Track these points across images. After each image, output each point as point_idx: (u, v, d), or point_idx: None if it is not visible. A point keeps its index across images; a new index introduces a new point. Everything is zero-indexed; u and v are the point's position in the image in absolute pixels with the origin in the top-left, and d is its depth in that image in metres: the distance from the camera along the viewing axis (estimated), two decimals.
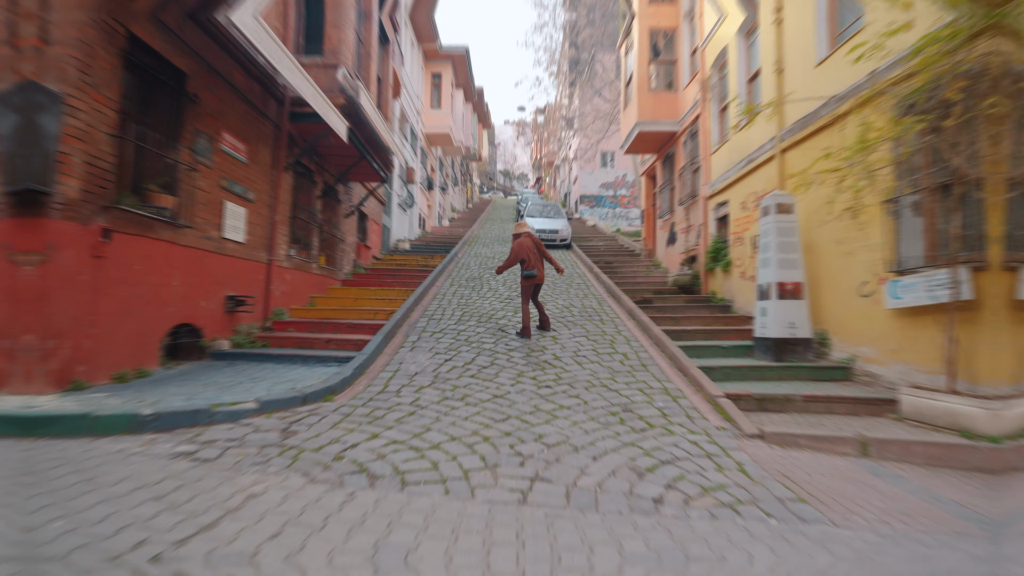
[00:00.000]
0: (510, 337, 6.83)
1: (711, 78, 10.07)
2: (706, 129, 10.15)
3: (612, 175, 28.92)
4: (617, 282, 10.73)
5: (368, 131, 8.69)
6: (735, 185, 8.85)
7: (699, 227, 10.53)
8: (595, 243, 17.58)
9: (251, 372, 5.49)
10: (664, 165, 12.93)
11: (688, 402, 4.78)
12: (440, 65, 19.60)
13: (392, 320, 7.18)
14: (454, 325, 7.39)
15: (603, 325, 7.55)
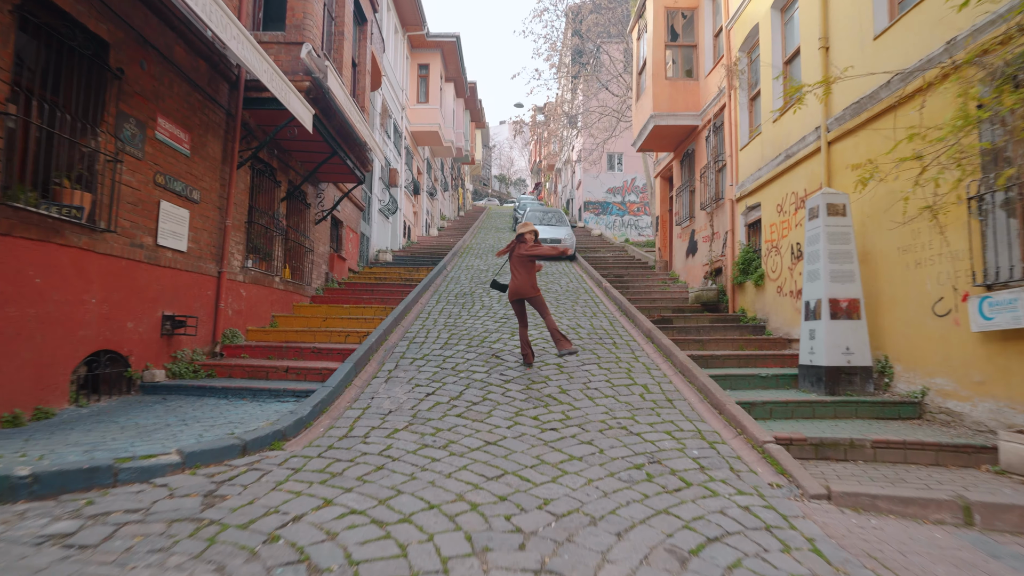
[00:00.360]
0: (506, 365, 6.24)
1: (738, 62, 9.66)
2: (733, 121, 9.71)
3: (620, 179, 28.60)
4: (630, 298, 10.18)
5: (339, 122, 8.19)
6: (769, 185, 8.36)
7: (725, 235, 10.03)
8: (602, 254, 17.09)
9: (186, 410, 4.88)
10: (682, 164, 12.49)
11: (729, 449, 4.19)
12: (428, 55, 19.28)
13: (366, 344, 6.59)
14: (439, 350, 6.80)
15: (617, 350, 6.97)
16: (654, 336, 7.40)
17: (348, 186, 11.11)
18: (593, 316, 8.85)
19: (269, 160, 8.10)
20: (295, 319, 8.32)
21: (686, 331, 8.33)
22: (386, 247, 15.49)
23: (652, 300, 10.55)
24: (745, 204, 9.26)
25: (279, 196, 8.52)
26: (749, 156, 9.19)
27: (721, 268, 10.16)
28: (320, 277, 10.45)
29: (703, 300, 9.80)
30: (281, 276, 8.62)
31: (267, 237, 8.21)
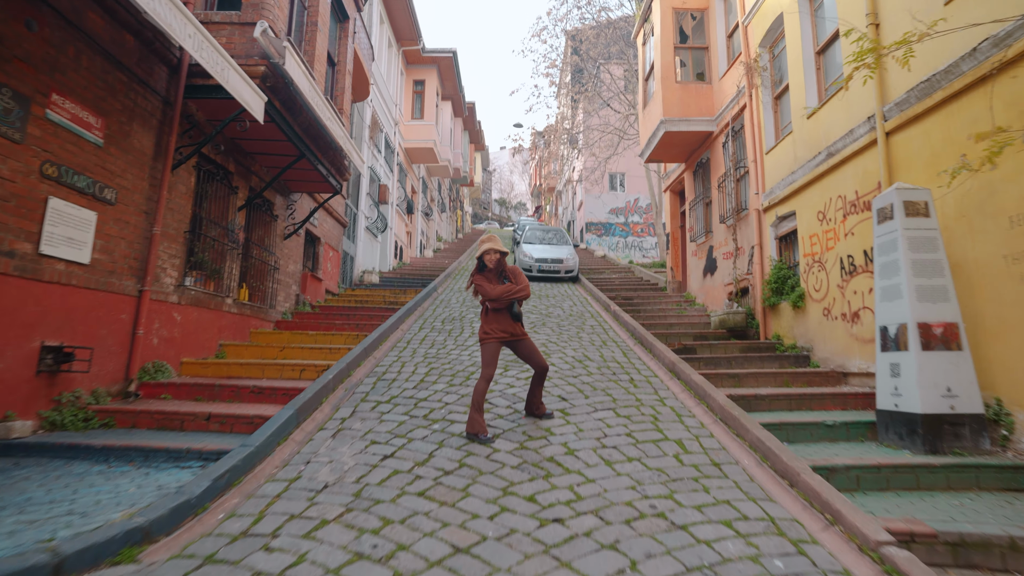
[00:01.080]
0: (495, 411, 4.77)
1: (759, 59, 8.40)
2: (756, 123, 8.40)
3: (623, 199, 27.39)
4: (644, 323, 8.73)
5: (307, 119, 6.88)
6: (806, 190, 6.99)
7: (751, 250, 8.63)
8: (607, 275, 15.69)
9: (26, 486, 3.38)
10: (695, 175, 11.18)
11: (826, 556, 2.69)
12: (423, 71, 18.23)
13: (320, 381, 5.13)
14: (412, 390, 5.33)
15: (636, 389, 5.49)
16: (679, 370, 5.93)
17: (324, 196, 9.77)
18: (603, 345, 7.38)
19: (224, 162, 6.76)
20: (248, 348, 6.87)
21: (715, 363, 6.86)
22: (373, 268, 14.11)
23: (669, 326, 9.10)
24: (775, 214, 7.88)
25: (235, 204, 7.16)
26: (777, 160, 7.85)
27: (748, 288, 8.73)
28: (289, 299, 9.03)
29: (729, 325, 8.34)
30: (235, 297, 7.20)
31: (217, 251, 6.82)
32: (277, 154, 7.36)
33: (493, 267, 4.49)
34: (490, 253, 4.49)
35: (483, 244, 4.51)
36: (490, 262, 4.48)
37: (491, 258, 4.48)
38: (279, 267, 8.52)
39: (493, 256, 4.48)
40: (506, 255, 4.55)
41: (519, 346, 4.47)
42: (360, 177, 13.42)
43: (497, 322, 4.37)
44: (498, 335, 4.34)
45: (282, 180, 8.38)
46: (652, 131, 10.56)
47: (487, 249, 4.48)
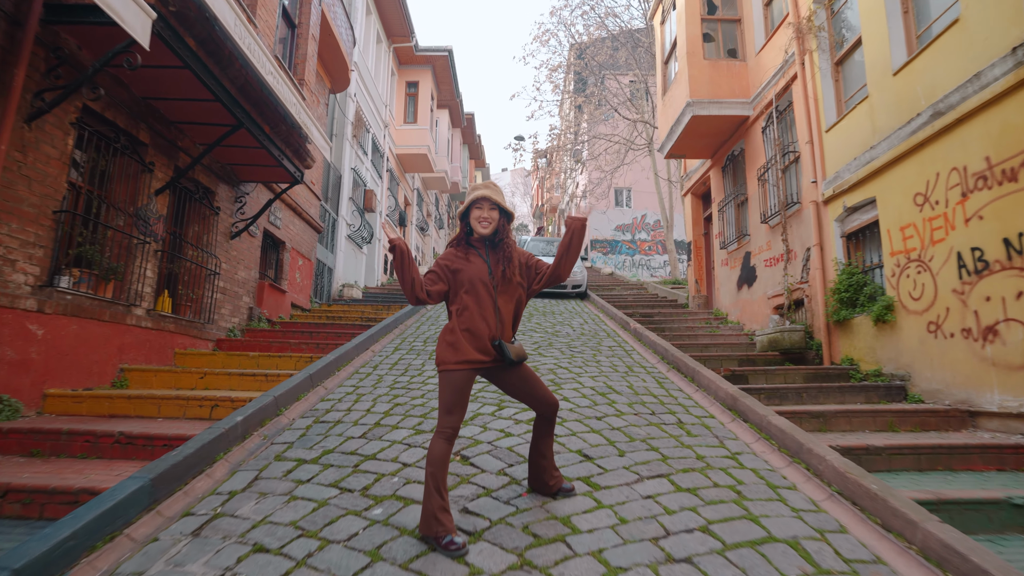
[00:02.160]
0: (480, 482, 2.99)
1: (812, 17, 6.81)
2: (813, 95, 6.77)
3: (629, 215, 25.83)
4: (675, 344, 6.97)
5: (244, 76, 5.23)
6: (896, 167, 5.30)
7: (807, 252, 6.91)
8: (619, 292, 13.96)
9: None
10: (725, 172, 9.53)
11: None
12: (417, 72, 16.82)
13: (221, 427, 3.37)
14: (358, 440, 3.56)
15: (692, 438, 3.70)
16: (744, 408, 4.15)
17: (300, 201, 8.11)
18: (629, 372, 5.60)
19: (130, 127, 5.09)
20: (160, 375, 5.10)
21: (779, 396, 5.08)
22: (355, 281, 12.40)
23: (703, 347, 7.33)
24: (841, 205, 6.18)
25: (151, 186, 5.48)
26: (844, 137, 6.19)
27: (802, 300, 6.98)
28: (239, 313, 7.30)
29: (783, 346, 6.57)
30: (151, 307, 5.47)
31: (120, 245, 5.11)
32: (213, 124, 5.70)
33: (487, 235, 2.56)
34: (481, 207, 2.54)
35: (475, 192, 2.58)
36: (482, 224, 2.54)
37: (483, 218, 2.53)
38: (222, 273, 6.80)
39: (487, 215, 2.54)
40: (511, 219, 2.63)
41: (509, 377, 2.58)
42: (341, 179, 11.82)
43: (471, 332, 2.44)
44: (470, 357, 2.42)
45: (225, 164, 6.72)
46: (676, 118, 8.95)
47: (479, 198, 2.54)
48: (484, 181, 2.66)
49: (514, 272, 2.56)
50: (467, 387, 2.42)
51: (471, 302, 2.47)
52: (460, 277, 2.51)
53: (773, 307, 7.72)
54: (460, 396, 2.40)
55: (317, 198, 10.01)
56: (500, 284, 2.53)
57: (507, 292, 2.55)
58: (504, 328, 2.52)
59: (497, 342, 2.45)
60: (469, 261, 2.55)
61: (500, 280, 2.52)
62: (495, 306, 2.50)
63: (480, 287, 2.49)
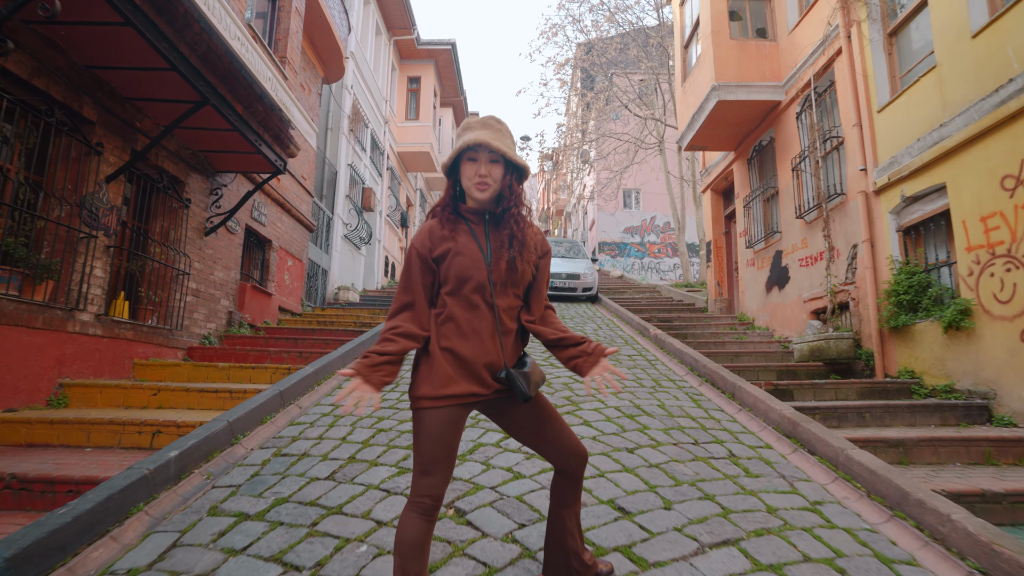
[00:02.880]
0: (480, 548, 2.17)
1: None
2: (863, 72, 5.94)
3: (638, 217, 24.99)
4: (702, 352, 6.14)
5: (206, 42, 4.46)
6: (973, 147, 4.46)
7: (853, 250, 6.07)
8: (631, 295, 13.12)
9: None
10: (751, 164, 8.70)
11: None
12: (419, 67, 16.08)
13: (147, 466, 2.58)
14: (324, 481, 2.74)
15: (752, 479, 2.86)
16: (809, 437, 3.32)
17: (289, 197, 7.34)
18: (656, 387, 4.77)
19: (67, 99, 4.32)
20: (110, 392, 4.30)
21: (837, 416, 4.25)
22: (352, 284, 11.62)
23: (732, 356, 6.49)
24: (899, 193, 5.34)
25: (100, 171, 4.71)
26: (901, 116, 5.36)
27: (847, 303, 6.13)
28: (215, 318, 6.51)
29: (827, 356, 5.72)
30: (101, 312, 4.68)
31: (59, 238, 4.34)
32: (176, 101, 4.92)
33: (487, 201, 1.67)
34: (477, 156, 1.62)
35: (466, 133, 1.66)
36: (478, 186, 1.63)
37: (479, 175, 1.62)
38: (194, 273, 6.02)
39: (485, 170, 1.63)
40: (523, 177, 1.72)
41: (518, 414, 1.73)
42: (337, 175, 11.07)
43: (455, 354, 1.60)
44: (457, 390, 1.59)
45: (197, 152, 5.96)
46: (698, 105, 8.13)
47: (473, 143, 1.60)
48: (482, 116, 1.73)
49: (527, 263, 1.69)
50: (453, 434, 1.59)
51: (458, 308, 1.62)
52: (444, 268, 1.64)
53: (810, 311, 6.87)
54: (443, 447, 1.57)
55: (309, 194, 9.25)
56: (504, 281, 1.65)
57: (514, 293, 1.69)
58: (509, 348, 1.68)
59: (504, 372, 1.63)
60: (457, 243, 1.65)
61: (504, 275, 1.64)
62: (495, 315, 1.64)
63: (472, 285, 1.62)
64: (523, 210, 1.73)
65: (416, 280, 1.64)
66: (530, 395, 1.64)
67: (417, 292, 1.64)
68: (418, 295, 1.64)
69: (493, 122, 1.70)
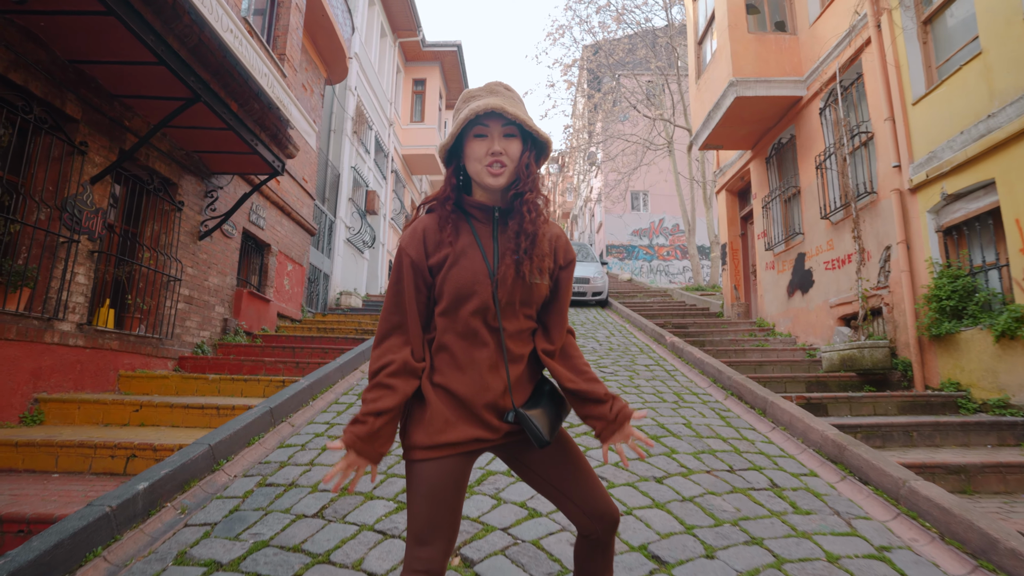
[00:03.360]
0: None
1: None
2: (895, 62, 5.55)
3: (646, 219, 24.60)
4: (723, 362, 5.76)
5: (197, 35, 4.16)
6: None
7: (886, 252, 5.67)
8: (642, 299, 12.73)
9: None
10: (769, 163, 8.31)
11: None
12: (424, 69, 15.82)
13: (109, 502, 2.25)
14: (310, 521, 2.38)
15: (803, 518, 2.48)
16: (855, 461, 2.94)
17: (290, 200, 7.04)
18: (679, 401, 4.39)
19: (48, 95, 4.01)
20: (89, 407, 3.98)
21: (880, 435, 3.85)
22: (355, 289, 11.31)
23: (755, 366, 6.09)
24: (940, 190, 4.94)
25: (84, 171, 4.40)
26: (941, 108, 4.97)
27: (880, 309, 5.72)
28: (210, 326, 6.20)
29: (861, 366, 5.32)
30: (83, 321, 4.37)
31: (37, 243, 4.02)
32: (167, 98, 4.62)
33: (500, 188, 1.27)
34: (488, 129, 1.25)
35: (471, 102, 1.27)
36: (492, 169, 1.24)
37: (493, 152, 1.24)
38: (186, 279, 5.71)
39: (500, 146, 1.24)
40: (544, 154, 1.32)
41: (536, 459, 1.34)
42: (340, 178, 10.78)
43: (449, 392, 1.24)
44: (457, 437, 1.22)
45: (191, 152, 5.66)
46: (714, 102, 7.76)
47: (485, 109, 1.22)
48: (490, 83, 1.35)
49: (539, 271, 1.29)
50: (455, 491, 1.23)
51: (452, 334, 1.26)
52: (439, 281, 1.26)
53: (838, 317, 6.47)
54: (443, 508, 1.21)
55: (311, 197, 8.95)
56: (512, 299, 1.27)
57: (524, 313, 1.31)
58: (518, 381, 1.30)
59: (511, 414, 1.27)
60: (455, 248, 1.27)
61: (513, 290, 1.27)
62: (500, 342, 1.28)
63: (473, 305, 1.25)
64: (538, 198, 1.31)
65: (408, 295, 1.26)
66: (547, 440, 1.27)
67: (410, 310, 1.26)
68: (411, 314, 1.26)
69: (500, 88, 1.32)
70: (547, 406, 1.32)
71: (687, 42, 11.72)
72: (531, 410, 1.28)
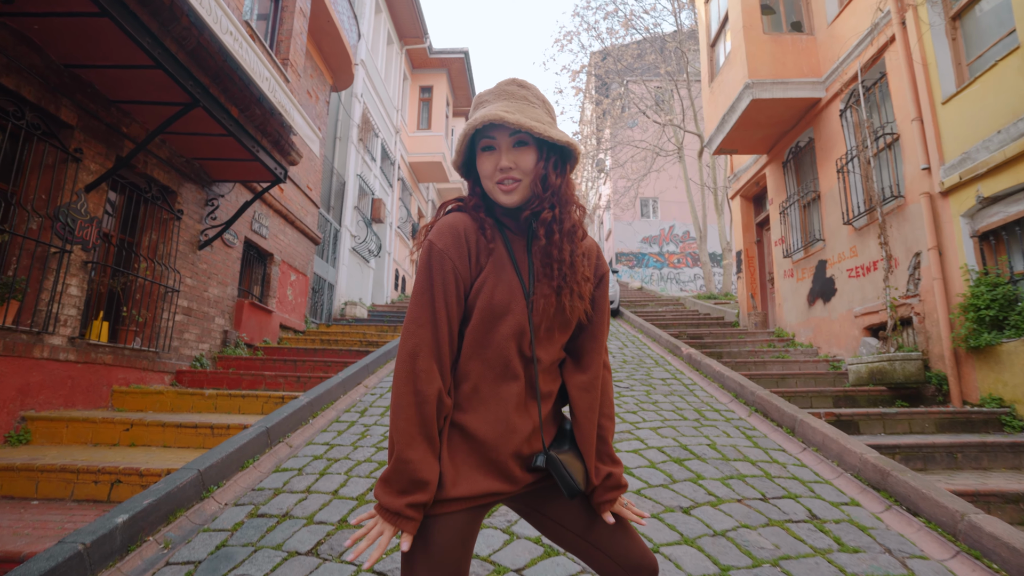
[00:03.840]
0: None
1: None
2: (921, 60, 5.31)
3: (656, 227, 24.34)
4: (743, 375, 5.50)
5: (196, 37, 4.02)
6: None
7: (915, 258, 5.40)
8: (654, 308, 12.47)
9: None
10: (786, 167, 8.06)
11: None
12: (431, 76, 15.74)
13: (82, 539, 2.04)
14: (303, 560, 2.16)
15: (852, 557, 2.22)
16: (902, 489, 2.68)
17: (293, 208, 6.89)
18: (700, 419, 4.14)
19: (41, 100, 3.86)
20: (78, 426, 3.79)
21: (921, 457, 3.59)
22: (360, 299, 11.14)
23: (777, 379, 5.82)
24: (975, 193, 4.68)
25: (79, 178, 4.25)
26: (975, 107, 4.72)
27: (910, 318, 5.45)
28: (209, 338, 6.03)
29: (892, 379, 5.04)
30: (75, 335, 4.20)
31: (27, 253, 3.86)
32: (166, 103, 4.48)
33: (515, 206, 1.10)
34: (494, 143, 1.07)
35: (477, 110, 1.10)
36: (503, 185, 1.07)
37: (501, 169, 1.06)
38: (185, 290, 5.55)
39: (509, 162, 1.06)
40: (571, 162, 1.13)
41: (561, 510, 1.13)
42: (345, 186, 10.65)
43: (471, 435, 1.03)
44: (474, 490, 1.01)
45: (191, 159, 5.51)
46: (729, 105, 7.54)
47: (484, 121, 1.03)
48: (502, 81, 1.15)
49: (579, 297, 1.10)
50: (464, 550, 1.01)
51: (478, 362, 1.05)
52: (473, 295, 1.06)
53: (863, 327, 6.19)
54: (447, 569, 0.99)
55: (315, 205, 8.80)
56: (550, 324, 1.10)
57: (560, 342, 1.14)
58: (548, 420, 1.12)
59: (540, 458, 1.06)
60: (497, 258, 1.08)
61: (549, 314, 1.08)
62: (534, 375, 1.08)
63: (508, 329, 1.05)
64: (565, 212, 1.11)
65: (452, 304, 1.02)
66: (581, 489, 1.06)
67: (441, 328, 1.01)
68: (443, 333, 1.01)
69: (513, 88, 1.13)
70: (574, 449, 1.11)
71: (698, 45, 11.57)
72: (561, 454, 1.07)
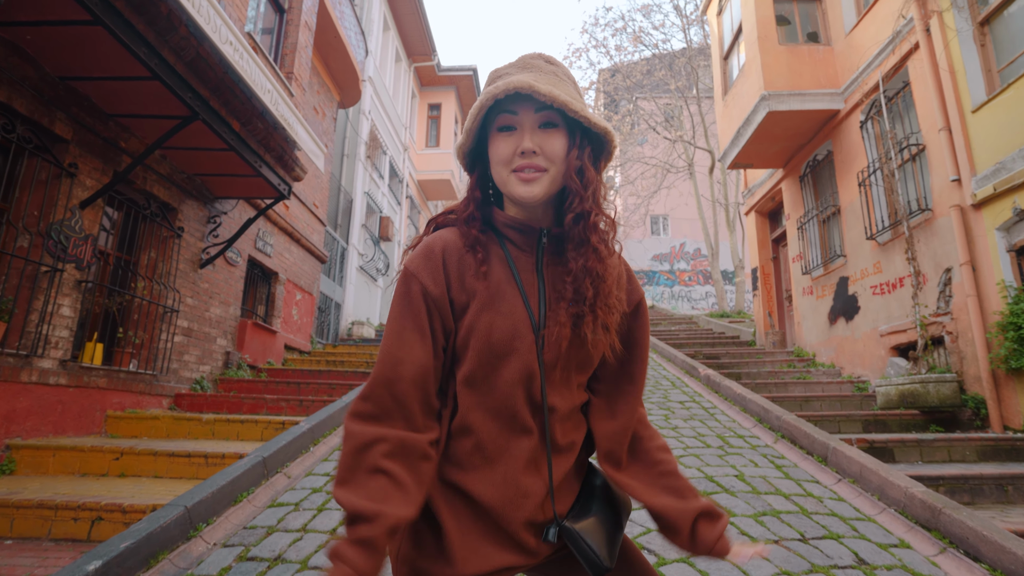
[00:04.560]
0: None
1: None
2: (948, 68, 5.13)
3: (667, 244, 24.10)
4: (766, 396, 5.23)
5: (195, 48, 3.93)
6: None
7: (945, 274, 5.14)
8: (667, 327, 12.20)
9: None
10: (804, 182, 7.86)
11: None
12: (440, 93, 15.78)
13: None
14: None
15: None
16: (957, 529, 2.42)
17: (299, 226, 6.78)
18: (724, 446, 3.88)
19: (34, 113, 3.76)
20: (65, 455, 3.61)
21: (968, 489, 3.31)
22: (367, 318, 10.98)
23: (801, 401, 5.54)
24: (1011, 205, 4.44)
25: (73, 194, 4.14)
26: (1008, 115, 4.51)
27: (942, 337, 5.17)
28: (210, 360, 5.86)
29: (925, 402, 4.75)
30: (66, 358, 4.04)
31: (15, 272, 3.73)
32: (165, 117, 4.38)
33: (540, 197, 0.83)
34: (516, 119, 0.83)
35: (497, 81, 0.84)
36: (522, 175, 0.82)
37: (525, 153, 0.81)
38: (185, 310, 5.40)
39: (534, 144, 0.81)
40: (606, 151, 0.88)
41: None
42: (353, 203, 10.57)
43: (472, 497, 0.82)
44: (484, 565, 0.80)
45: (192, 175, 5.41)
46: (744, 118, 7.38)
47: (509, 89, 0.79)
48: (525, 55, 0.91)
49: (605, 329, 0.86)
50: None
51: (479, 412, 0.83)
52: (463, 333, 0.84)
53: (890, 347, 5.91)
54: None
55: (322, 223, 8.70)
56: (566, 363, 0.87)
57: (578, 383, 0.91)
58: (563, 482, 0.89)
59: (552, 531, 0.84)
60: (489, 286, 0.85)
61: (564, 346, 0.85)
62: (544, 426, 0.85)
63: (513, 368, 0.82)
64: (602, 220, 0.88)
65: (423, 340, 0.82)
66: (607, 566, 0.84)
67: (406, 362, 0.81)
68: (405, 369, 0.80)
69: (540, 62, 0.88)
70: (601, 512, 0.90)
71: (708, 61, 11.51)
72: (580, 521, 0.86)
